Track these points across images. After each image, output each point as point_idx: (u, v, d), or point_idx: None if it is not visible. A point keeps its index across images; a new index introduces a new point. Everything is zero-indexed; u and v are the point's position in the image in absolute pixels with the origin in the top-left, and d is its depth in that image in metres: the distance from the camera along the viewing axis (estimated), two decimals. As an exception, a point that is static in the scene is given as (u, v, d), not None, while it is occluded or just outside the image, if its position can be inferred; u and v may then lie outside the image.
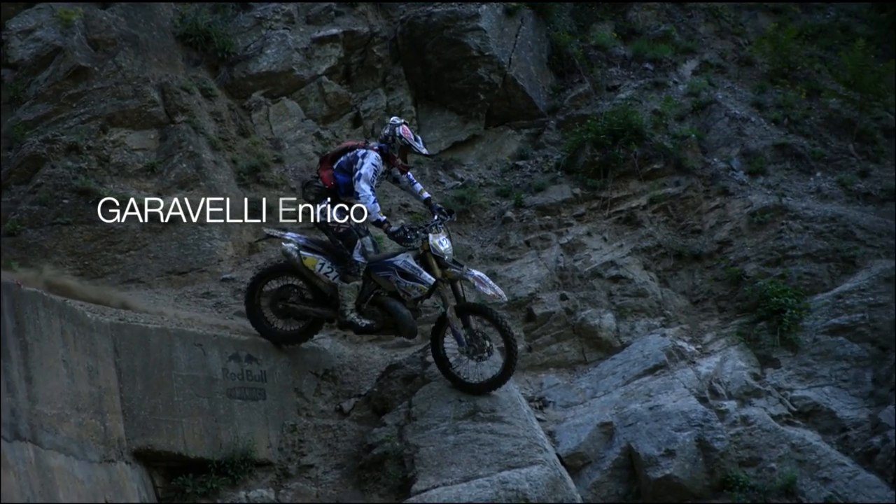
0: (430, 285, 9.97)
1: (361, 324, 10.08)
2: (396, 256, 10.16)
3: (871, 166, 15.65)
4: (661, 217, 14.33)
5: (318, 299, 10.41)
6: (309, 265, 10.16)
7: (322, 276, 10.15)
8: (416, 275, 9.96)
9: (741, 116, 16.00)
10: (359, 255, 10.04)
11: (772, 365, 12.52)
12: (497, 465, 9.17)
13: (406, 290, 10.02)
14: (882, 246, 13.81)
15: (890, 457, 11.19)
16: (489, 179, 14.84)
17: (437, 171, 14.78)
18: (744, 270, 13.55)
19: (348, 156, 10.37)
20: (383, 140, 10.48)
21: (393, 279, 10.05)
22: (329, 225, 10.18)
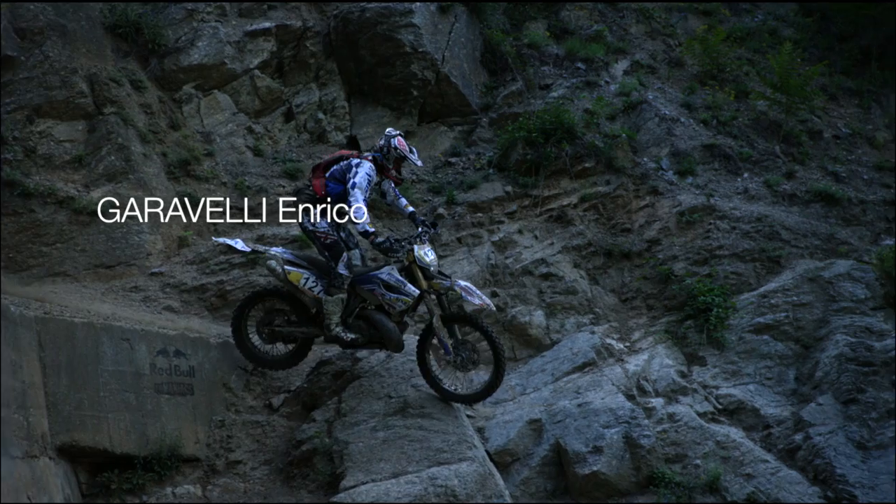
0: (414, 297, 9.91)
1: (347, 338, 9.96)
2: (381, 269, 10.07)
3: (797, 168, 15.95)
4: (591, 215, 14.44)
5: (303, 319, 10.30)
6: (293, 280, 10.03)
7: (307, 291, 10.03)
8: (401, 287, 9.89)
9: (671, 117, 16.19)
10: (343, 267, 9.95)
11: (698, 363, 12.69)
12: (426, 461, 9.16)
13: (391, 302, 9.92)
14: (806, 246, 14.08)
15: (811, 453, 11.41)
16: (421, 176, 14.83)
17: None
18: (672, 269, 13.71)
19: (342, 164, 10.25)
20: (378, 150, 10.39)
21: (378, 292, 9.94)
22: (317, 234, 10.06)
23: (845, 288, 13.30)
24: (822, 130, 17.30)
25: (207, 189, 13.24)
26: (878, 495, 10.88)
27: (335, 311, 9.88)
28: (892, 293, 13.42)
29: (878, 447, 11.42)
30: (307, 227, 10.16)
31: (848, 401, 11.89)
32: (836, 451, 11.33)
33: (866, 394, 11.93)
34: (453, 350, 9.93)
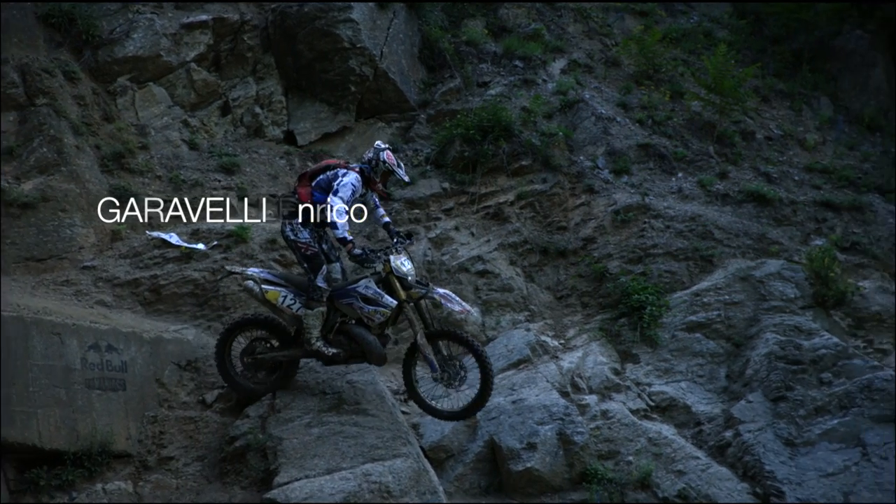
0: (393, 308, 9.82)
1: (329, 353, 9.86)
2: (358, 283, 9.98)
3: (730, 168, 16.17)
4: (527, 213, 14.52)
5: (285, 343, 10.17)
6: (271, 298, 9.94)
7: (285, 308, 9.94)
8: (379, 299, 9.81)
9: (607, 116, 16.32)
10: (322, 280, 9.86)
11: (632, 360, 12.81)
12: (360, 457, 9.15)
13: (370, 315, 9.83)
14: (738, 246, 14.28)
15: (741, 450, 11.57)
16: (359, 172, 14.81)
17: (306, 163, 14.65)
18: (607, 267, 13.83)
19: (328, 174, 10.17)
20: (366, 163, 10.33)
21: (356, 305, 9.85)
22: (298, 245, 9.95)
23: (776, 287, 13.50)
24: (755, 131, 17.55)
25: (142, 182, 13.08)
26: (804, 491, 11.07)
27: (315, 325, 9.79)
28: (821, 293, 13.66)
29: (805, 444, 11.62)
30: (289, 237, 10.04)
31: (777, 398, 12.09)
32: (764, 448, 11.51)
33: (795, 391, 12.13)
34: (440, 367, 9.86)
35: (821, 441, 11.66)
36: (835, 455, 11.52)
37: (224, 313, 11.89)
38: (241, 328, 10.30)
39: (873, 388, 12.09)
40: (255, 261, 12.37)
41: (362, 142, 15.42)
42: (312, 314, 9.76)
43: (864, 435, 11.74)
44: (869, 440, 11.69)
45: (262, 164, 14.33)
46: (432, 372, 9.87)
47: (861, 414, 11.90)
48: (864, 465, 11.44)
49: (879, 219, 15.77)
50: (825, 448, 11.59)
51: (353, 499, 8.65)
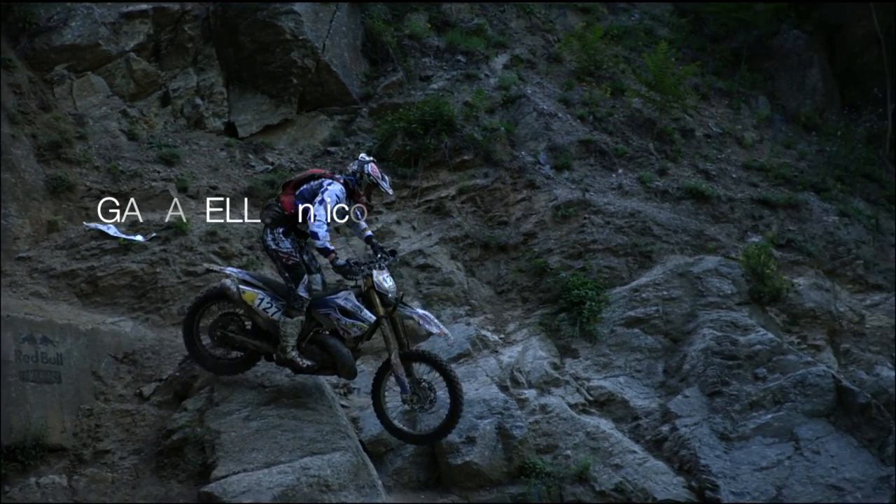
0: (370, 323, 9.71)
1: (302, 364, 9.69)
2: (338, 294, 9.86)
3: (669, 165, 16.34)
4: (469, 207, 14.55)
5: (258, 332, 10.00)
6: (248, 300, 9.76)
7: (261, 312, 9.77)
8: (357, 313, 9.68)
9: (549, 112, 16.40)
10: (304, 290, 9.69)
11: (571, 355, 12.89)
12: (299, 451, 9.12)
13: (346, 328, 9.69)
14: (677, 242, 14.43)
15: (677, 444, 11.70)
16: (300, 164, 14.69)
17: (247, 155, 14.56)
18: (547, 262, 13.88)
19: (312, 184, 10.02)
20: (351, 175, 10.19)
21: (333, 317, 9.71)
22: (280, 254, 9.78)
23: (713, 283, 13.67)
24: (694, 129, 17.76)
25: (79, 173, 12.89)
26: (738, 485, 11.22)
27: (292, 334, 9.63)
28: (757, 289, 13.87)
29: (740, 438, 11.79)
30: (270, 245, 9.87)
31: (713, 393, 12.24)
32: (700, 442, 11.65)
33: (730, 386, 12.30)
34: (410, 388, 9.78)
35: (755, 435, 11.84)
36: (768, 449, 11.71)
37: (162, 306, 11.78)
38: (217, 299, 10.14)
39: (807, 384, 12.31)
40: (193, 253, 12.27)
41: (304, 134, 15.36)
42: (291, 323, 9.61)
43: (797, 429, 11.94)
44: (802, 434, 11.90)
45: (203, 156, 14.21)
46: (402, 393, 9.78)
47: (794, 409, 12.11)
48: (796, 458, 11.64)
49: (815, 217, 16.05)
50: (759, 442, 11.77)
51: (291, 492, 8.61)
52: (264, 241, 9.93)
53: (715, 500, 11.09)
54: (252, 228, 12.91)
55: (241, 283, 9.83)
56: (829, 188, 17.11)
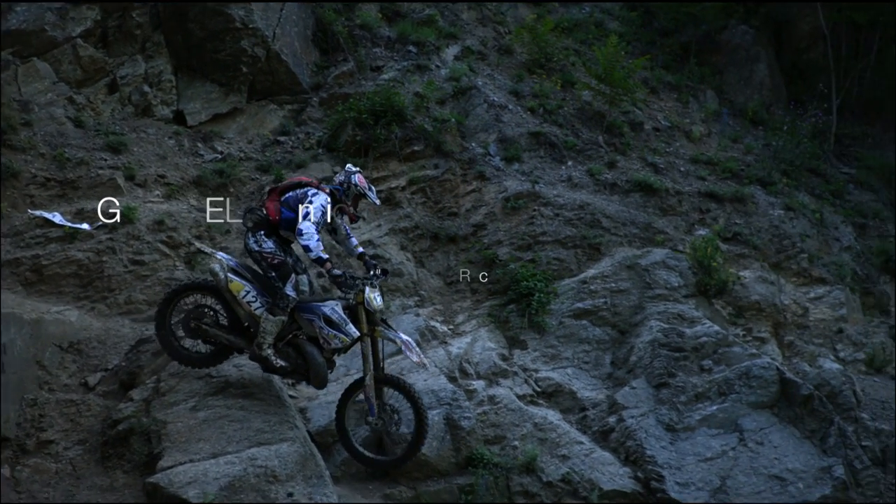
0: (353, 338, 9.58)
1: (276, 363, 9.52)
2: (325, 302, 9.72)
3: (618, 158, 16.45)
4: (419, 198, 14.54)
5: (233, 326, 9.81)
6: (234, 289, 9.58)
7: (244, 304, 9.58)
8: (342, 325, 9.55)
9: (499, 103, 16.44)
10: (291, 289, 9.54)
11: (519, 346, 12.94)
12: (246, 441, 9.06)
13: (328, 338, 9.55)
14: (625, 234, 14.54)
15: (624, 435, 11.82)
16: (249, 154, 14.61)
17: (196, 144, 14.44)
18: (497, 254, 13.92)
19: (297, 192, 9.87)
20: (337, 185, 10.06)
21: (317, 324, 9.57)
22: (264, 255, 9.60)
23: (660, 276, 13.80)
24: (643, 122, 17.90)
25: (24, 160, 12.69)
26: (683, 476, 11.35)
27: (272, 332, 9.47)
28: (703, 282, 14.02)
29: (685, 429, 11.92)
30: (252, 248, 9.69)
31: (660, 385, 12.36)
32: (646, 433, 11.76)
33: (677, 378, 12.43)
34: (378, 412, 9.74)
35: (700, 427, 11.97)
36: (713, 440, 11.85)
37: (109, 295, 11.67)
38: (200, 290, 9.94)
39: (751, 376, 12.47)
40: (140, 242, 12.15)
41: (254, 123, 15.26)
42: (273, 321, 9.46)
43: (741, 421, 12.10)
44: (746, 426, 12.06)
45: (151, 144, 14.05)
46: (370, 416, 9.73)
47: (739, 400, 12.26)
48: (740, 449, 11.79)
49: (760, 210, 16.25)
50: (704, 433, 11.91)
51: (238, 483, 8.56)
52: (247, 244, 9.76)
53: (660, 490, 11.22)
54: (200, 218, 12.81)
55: (230, 272, 9.67)
56: (774, 182, 17.34)
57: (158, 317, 9.80)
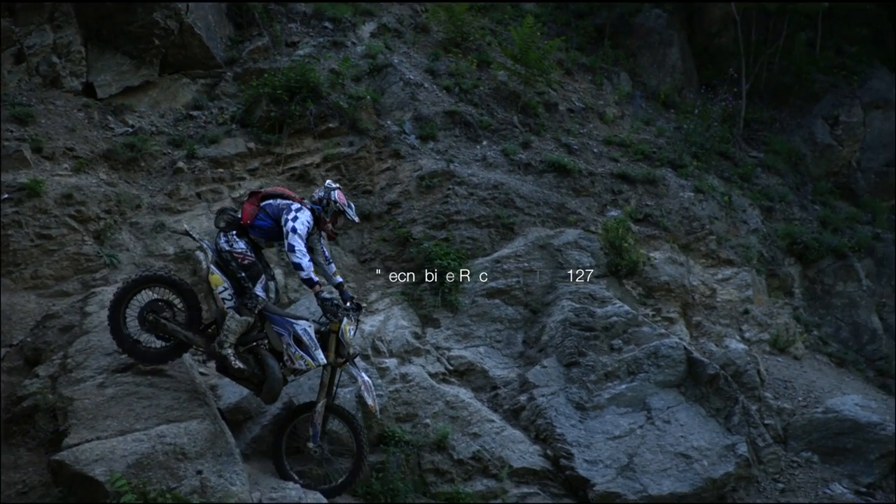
0: (319, 365, 9.54)
1: (235, 365, 9.35)
2: (298, 321, 9.63)
3: (533, 138, 16.55)
4: (333, 175, 14.46)
5: (192, 323, 9.59)
6: (213, 282, 9.40)
7: (219, 300, 9.40)
8: (311, 348, 9.48)
9: (415, 82, 16.41)
10: (261, 289, 9.43)
11: (432, 325, 12.98)
12: (155, 418, 8.95)
13: (293, 356, 9.45)
14: (538, 215, 14.65)
15: (534, 414, 11.94)
16: (161, 128, 14.39)
17: (106, 116, 14.17)
18: (411, 232, 13.92)
19: (279, 203, 9.75)
20: (317, 202, 9.96)
21: (286, 340, 9.48)
22: (234, 254, 9.45)
23: (572, 256, 13.93)
24: (558, 103, 18.02)
25: (-76, 132, 12.39)
26: (592, 453, 11.52)
27: (235, 332, 9.33)
28: (614, 262, 14.20)
29: (595, 408, 12.10)
30: (223, 247, 9.53)
31: (570, 364, 12.51)
32: (556, 412, 11.91)
33: (587, 357, 12.59)
34: (319, 439, 9.75)
35: (609, 405, 12.16)
36: (622, 419, 12.04)
37: (14, 269, 11.46)
38: (159, 283, 9.68)
39: (659, 355, 12.69)
40: (48, 215, 11.91)
41: (166, 97, 15.02)
42: (239, 321, 9.33)
43: (649, 399, 12.32)
44: (654, 404, 12.28)
45: (59, 116, 13.75)
46: (312, 442, 9.75)
47: (647, 379, 12.48)
48: (648, 427, 12.01)
49: (671, 192, 16.49)
50: (613, 412, 12.10)
51: (146, 460, 8.46)
52: (218, 244, 9.61)
53: (569, 467, 11.38)
54: (110, 192, 12.59)
55: (213, 264, 9.52)
56: (685, 165, 17.61)
57: (112, 310, 9.49)
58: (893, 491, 12.75)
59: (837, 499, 12.34)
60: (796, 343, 15.84)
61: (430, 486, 10.82)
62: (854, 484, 12.66)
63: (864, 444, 12.96)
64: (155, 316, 9.50)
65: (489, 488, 11.10)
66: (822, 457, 13.05)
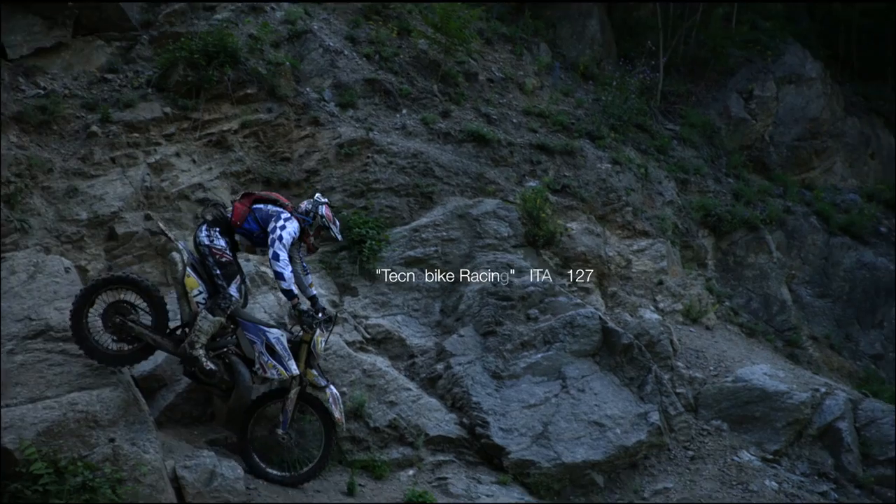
0: (291, 375, 9.53)
1: (206, 366, 9.23)
2: (271, 329, 9.60)
3: (453, 108, 16.56)
4: (251, 142, 14.32)
5: (160, 326, 9.39)
6: (188, 285, 9.29)
7: (193, 302, 9.30)
8: (284, 358, 9.47)
9: (335, 49, 16.28)
10: (235, 289, 9.33)
11: (350, 293, 12.98)
12: (67, 386, 8.84)
13: (266, 365, 9.44)
14: (457, 184, 14.70)
15: (451, 382, 12.04)
16: (75, 91, 14.07)
17: (17, 78, 13.81)
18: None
19: (269, 209, 9.70)
20: (304, 214, 9.92)
21: (258, 348, 9.43)
22: (213, 250, 9.35)
23: (491, 226, 14.02)
24: (478, 73, 18.03)
25: None
26: (508, 421, 11.67)
27: (207, 332, 9.23)
28: (532, 232, 14.32)
29: (511, 377, 12.23)
30: (203, 241, 9.44)
31: (487, 333, 12.63)
32: (473, 381, 12.02)
33: (504, 326, 12.71)
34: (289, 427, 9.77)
35: (525, 374, 12.30)
36: (537, 387, 12.19)
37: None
38: (118, 285, 9.43)
39: (575, 325, 12.85)
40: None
41: (80, 60, 14.67)
42: (211, 321, 9.23)
43: (564, 368, 12.49)
44: (569, 373, 12.45)
45: (-34, 77, 13.41)
46: (281, 428, 9.78)
47: (563, 349, 12.64)
48: (563, 396, 12.18)
49: (589, 164, 16.66)
50: (529, 381, 12.25)
51: (57, 428, 8.36)
52: (197, 238, 9.54)
53: (485, 436, 11.51)
54: (21, 156, 12.30)
55: (189, 266, 9.41)
56: (603, 136, 17.78)
57: (75, 311, 9.20)
58: (798, 458, 13.12)
59: (745, 466, 12.65)
60: (708, 314, 16.16)
61: (347, 455, 10.87)
62: (761, 451, 12.99)
63: (771, 412, 13.29)
64: (122, 318, 9.33)
65: (405, 456, 11.19)
66: (731, 425, 13.35)
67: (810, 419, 13.31)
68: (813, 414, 13.33)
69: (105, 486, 7.96)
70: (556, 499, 11.43)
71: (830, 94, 22.47)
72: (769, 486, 12.34)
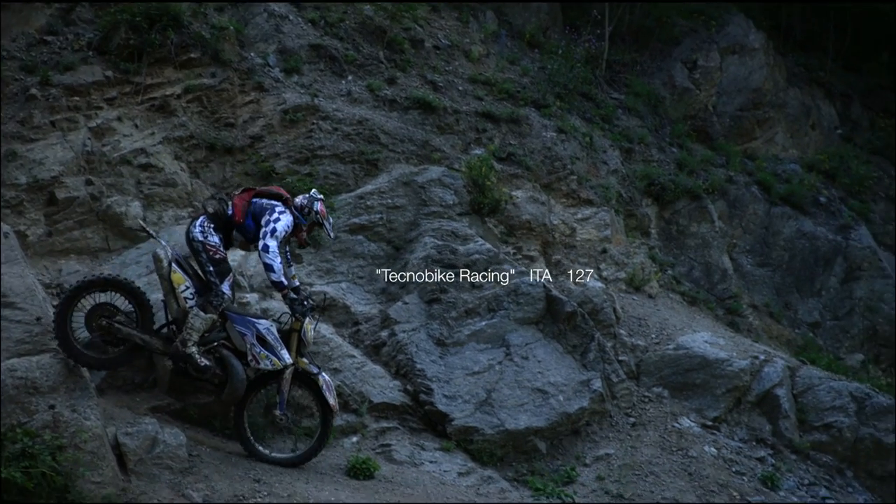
0: (285, 364, 9.49)
1: (200, 362, 9.15)
2: (260, 320, 9.54)
3: (399, 74, 16.49)
4: (195, 107, 14.17)
5: (148, 327, 9.27)
6: (175, 281, 9.19)
7: (181, 299, 9.18)
8: (276, 348, 9.44)
9: (280, 13, 16.13)
10: (228, 287, 9.26)
11: (295, 260, 12.90)
12: (6, 352, 8.71)
13: (258, 356, 9.38)
14: (403, 151, 14.69)
15: (395, 349, 12.08)
16: (13, 52, 13.80)
17: (-43, 41, 13.55)
18: (274, 166, 13.82)
19: (264, 203, 9.68)
20: (299, 209, 9.86)
21: (249, 340, 9.37)
22: (207, 247, 9.27)
23: (436, 193, 14.03)
24: (424, 40, 17.94)
25: None
26: (451, 388, 11.74)
27: (199, 330, 9.14)
28: (477, 200, 14.37)
29: (455, 344, 12.29)
30: (196, 236, 9.36)
31: (431, 300, 12.66)
32: (417, 348, 12.07)
33: (448, 294, 12.75)
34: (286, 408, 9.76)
35: (469, 341, 12.37)
36: (481, 355, 12.28)
37: None
38: (103, 286, 9.26)
39: (519, 293, 12.94)
40: None
41: (18, 21, 14.33)
42: (203, 318, 9.15)
43: (508, 336, 12.58)
44: (512, 341, 12.55)
45: None
46: (278, 409, 9.76)
47: (507, 316, 12.73)
48: (506, 363, 12.28)
49: (534, 132, 16.70)
50: (473, 348, 12.32)
51: (-5, 396, 8.30)
52: (190, 231, 9.47)
53: (428, 402, 11.59)
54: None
55: (174, 262, 9.33)
56: (548, 105, 17.82)
57: (59, 314, 8.98)
58: (737, 424, 13.36)
59: (685, 432, 12.86)
60: (651, 282, 16.32)
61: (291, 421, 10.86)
62: (701, 418, 13.21)
63: (711, 379, 13.50)
64: (108, 321, 9.19)
65: (349, 423, 11.24)
66: (672, 392, 13.54)
67: (749, 386, 13.54)
68: (752, 381, 13.57)
69: (45, 452, 7.88)
70: (499, 465, 11.55)
71: (773, 65, 22.64)
72: (708, 452, 12.56)
